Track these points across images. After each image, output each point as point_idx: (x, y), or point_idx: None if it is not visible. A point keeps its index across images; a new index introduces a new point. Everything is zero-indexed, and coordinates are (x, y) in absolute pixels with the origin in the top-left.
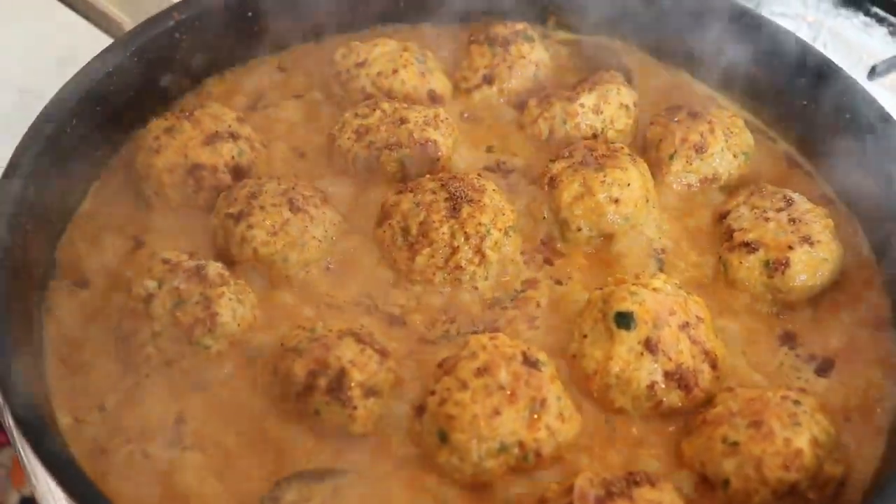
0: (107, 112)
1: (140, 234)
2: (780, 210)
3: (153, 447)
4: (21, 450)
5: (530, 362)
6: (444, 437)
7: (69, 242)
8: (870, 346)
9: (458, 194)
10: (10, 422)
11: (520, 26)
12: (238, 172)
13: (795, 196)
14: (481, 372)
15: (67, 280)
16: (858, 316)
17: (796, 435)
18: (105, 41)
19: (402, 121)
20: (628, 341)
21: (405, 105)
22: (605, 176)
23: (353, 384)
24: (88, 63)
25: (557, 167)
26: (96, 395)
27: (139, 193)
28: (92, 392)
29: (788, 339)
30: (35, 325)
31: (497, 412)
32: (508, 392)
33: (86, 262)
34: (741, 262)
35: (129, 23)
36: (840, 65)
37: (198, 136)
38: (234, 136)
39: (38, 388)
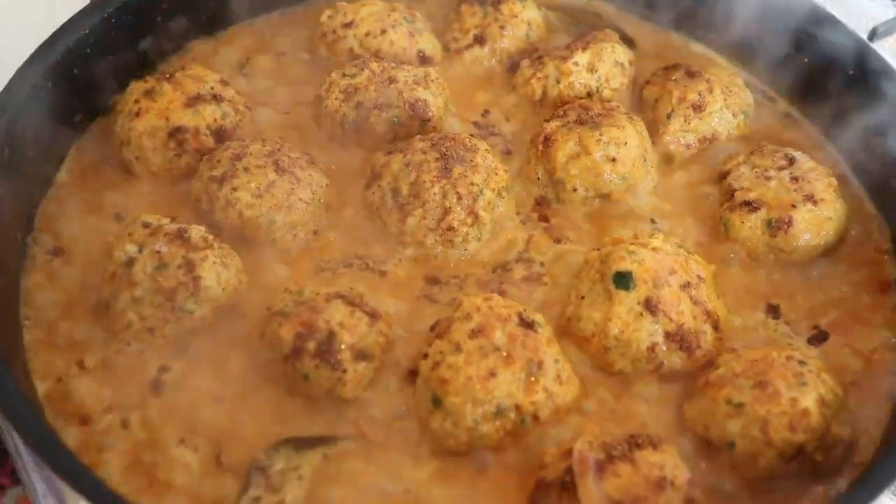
0: (84, 76)
1: (121, 200)
2: (781, 169)
3: (135, 416)
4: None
5: (526, 323)
6: (437, 402)
7: (48, 208)
8: (874, 309)
9: (449, 154)
10: None
11: None
12: (221, 135)
13: (797, 154)
14: (475, 333)
15: (46, 246)
16: (863, 277)
17: (802, 395)
18: None
19: (392, 80)
20: (627, 302)
21: (394, 65)
22: (601, 134)
23: (342, 347)
24: (64, 24)
25: (551, 126)
26: (76, 359)
27: (120, 159)
28: (72, 358)
29: (786, 301)
30: (13, 293)
31: (492, 374)
32: (504, 354)
33: (65, 228)
34: (743, 222)
35: None
36: None
37: (179, 98)
38: (217, 99)
39: (19, 363)
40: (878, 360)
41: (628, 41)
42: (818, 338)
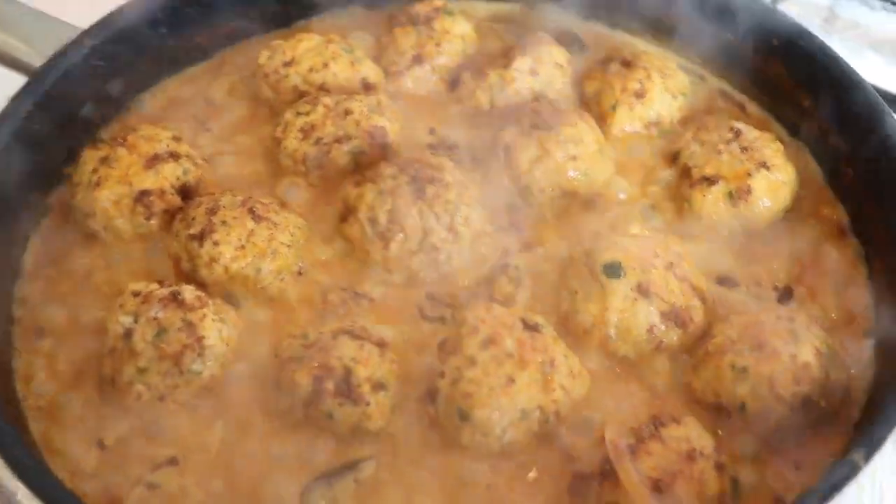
0: (34, 153)
1: (97, 274)
2: (729, 142)
3: (164, 482)
4: None
5: (531, 326)
6: (464, 416)
7: (23, 293)
8: (838, 257)
9: (419, 176)
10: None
11: (438, 2)
12: (186, 192)
13: (741, 126)
14: (486, 344)
15: (30, 335)
16: (820, 230)
17: (800, 349)
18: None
19: (347, 112)
20: (621, 290)
21: (345, 96)
22: (558, 135)
23: (360, 380)
24: (6, 106)
25: (509, 134)
26: (91, 443)
27: (86, 231)
28: (86, 442)
29: (756, 264)
30: (8, 387)
31: (512, 380)
32: (517, 359)
33: (45, 310)
34: (704, 196)
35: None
36: None
37: (137, 161)
38: (174, 156)
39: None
40: (850, 304)
41: (577, 41)
42: (787, 294)
